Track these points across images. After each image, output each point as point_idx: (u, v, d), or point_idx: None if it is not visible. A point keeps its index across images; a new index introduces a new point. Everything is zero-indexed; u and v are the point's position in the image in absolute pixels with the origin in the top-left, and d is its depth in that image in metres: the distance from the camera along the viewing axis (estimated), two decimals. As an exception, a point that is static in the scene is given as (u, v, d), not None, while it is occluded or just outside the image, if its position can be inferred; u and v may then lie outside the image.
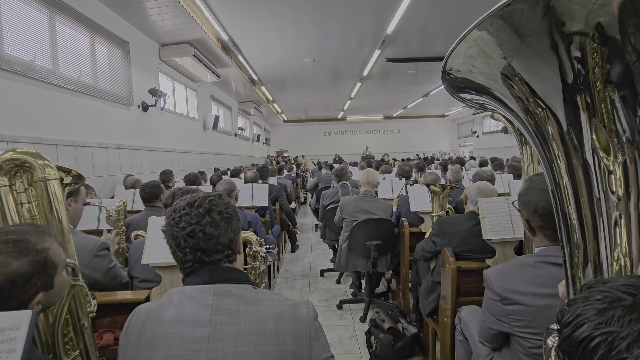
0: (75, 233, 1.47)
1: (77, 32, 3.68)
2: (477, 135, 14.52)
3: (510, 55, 0.36)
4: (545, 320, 0.96)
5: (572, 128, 0.34)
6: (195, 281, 0.78)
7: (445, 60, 0.44)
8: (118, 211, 2.08)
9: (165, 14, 4.43)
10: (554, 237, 1.02)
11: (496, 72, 0.40)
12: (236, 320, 0.73)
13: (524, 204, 1.06)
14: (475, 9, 4.68)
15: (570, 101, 0.33)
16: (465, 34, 0.38)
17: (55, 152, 3.25)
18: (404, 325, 2.34)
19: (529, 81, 0.36)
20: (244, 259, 1.08)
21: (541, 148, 0.40)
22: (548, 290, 0.96)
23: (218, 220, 0.79)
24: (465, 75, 0.45)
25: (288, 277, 3.76)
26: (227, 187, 2.51)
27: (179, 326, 0.72)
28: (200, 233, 0.77)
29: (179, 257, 0.79)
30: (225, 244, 0.80)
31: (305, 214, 7.75)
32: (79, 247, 1.40)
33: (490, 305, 1.07)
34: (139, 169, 4.78)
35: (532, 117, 0.39)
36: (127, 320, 0.77)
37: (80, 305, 0.96)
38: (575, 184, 0.36)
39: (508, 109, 0.43)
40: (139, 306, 0.79)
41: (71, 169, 1.04)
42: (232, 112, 10.42)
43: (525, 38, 0.33)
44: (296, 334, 0.74)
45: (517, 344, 1.03)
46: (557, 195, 0.40)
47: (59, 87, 3.32)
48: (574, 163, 0.36)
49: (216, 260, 0.79)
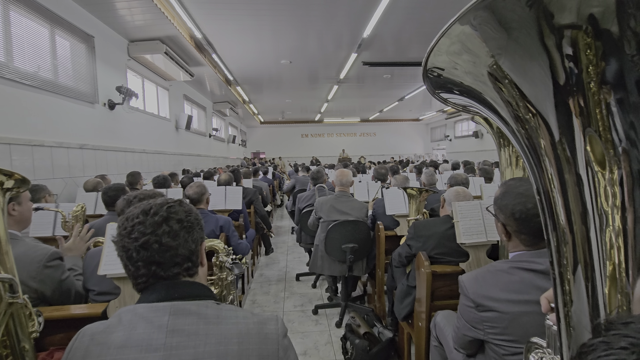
0: (21, 241, 1.33)
1: (35, 23, 3.44)
2: (450, 139, 14.99)
3: (497, 53, 0.33)
4: (519, 327, 0.95)
5: (565, 137, 0.31)
6: (149, 298, 0.70)
7: (426, 56, 0.40)
8: (76, 216, 1.93)
9: (135, 8, 4.23)
10: (530, 242, 1.02)
11: (483, 72, 0.36)
12: (194, 343, 0.65)
13: (500, 208, 1.05)
14: (447, 16, 4.78)
15: (562, 105, 0.30)
16: (447, 27, 0.34)
17: (8, 151, 3.00)
18: (379, 329, 2.32)
19: (518, 83, 0.33)
20: (209, 269, 1.01)
21: (531, 159, 0.37)
22: (522, 296, 0.96)
23: (177, 229, 0.72)
24: (449, 74, 0.41)
25: (263, 282, 3.67)
26: (198, 190, 2.41)
27: (128, 351, 0.64)
28: (155, 244, 0.69)
29: (131, 271, 0.71)
30: (184, 256, 0.72)
31: (282, 216, 7.65)
32: (26, 257, 1.27)
33: (465, 311, 1.06)
34: (105, 170, 4.52)
35: (522, 124, 0.36)
36: (70, 344, 0.68)
37: (21, 325, 0.85)
38: (567, 197, 0.33)
39: (496, 114, 0.39)
40: (83, 328, 0.70)
41: (14, 172, 0.93)
42: (206, 112, 10.16)
43: (512, 32, 0.30)
44: (263, 354, 0.67)
45: (492, 351, 1.02)
46: (546, 206, 0.37)
47: (13, 82, 3.08)
48: (567, 178, 0.32)
49: (174, 274, 0.72)
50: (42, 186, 2.42)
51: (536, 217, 0.97)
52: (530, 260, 0.99)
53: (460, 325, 1.11)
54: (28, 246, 1.32)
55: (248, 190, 4.05)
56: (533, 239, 1.01)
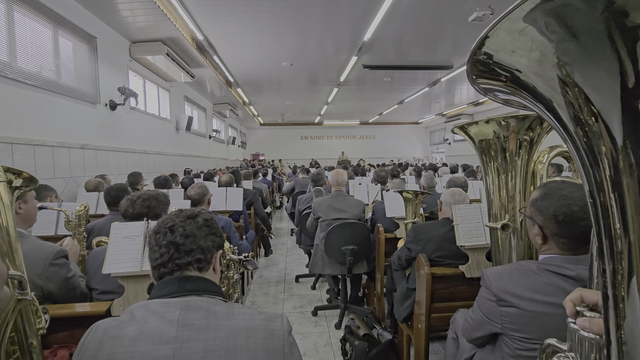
0: (28, 239, 1.34)
1: (38, 23, 3.46)
2: (449, 142, 15.03)
3: (564, 57, 0.33)
4: (539, 326, 0.95)
5: (630, 141, 0.31)
6: (162, 292, 0.74)
7: (481, 40, 0.38)
8: (79, 215, 1.94)
9: (137, 10, 4.25)
10: (569, 246, 0.99)
11: (552, 75, 0.36)
12: (204, 337, 0.68)
13: (539, 210, 1.02)
14: (447, 21, 4.85)
15: (629, 109, 0.30)
16: (502, 18, 0.34)
17: (10, 150, 3.01)
18: (379, 331, 2.33)
19: (582, 85, 0.33)
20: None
21: (587, 164, 0.36)
22: (547, 298, 0.96)
23: (201, 224, 0.82)
24: (507, 64, 0.39)
25: (262, 283, 3.67)
26: (199, 191, 2.42)
27: (141, 344, 0.66)
28: (180, 228, 0.80)
29: (154, 250, 0.80)
30: (200, 248, 0.80)
31: (281, 218, 7.66)
32: (33, 254, 1.29)
33: (485, 304, 1.06)
34: (106, 170, 4.53)
35: (582, 127, 0.35)
36: (82, 338, 0.70)
37: (29, 321, 0.86)
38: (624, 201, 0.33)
39: (552, 113, 0.38)
40: (96, 322, 0.72)
41: (22, 171, 0.95)
42: (206, 113, 10.18)
43: (580, 35, 0.31)
44: (269, 349, 0.70)
45: (505, 345, 1.03)
46: (602, 214, 0.37)
47: (15, 82, 3.09)
48: (627, 182, 0.32)
49: (186, 263, 0.78)
50: (48, 186, 2.43)
51: (581, 220, 0.95)
52: (561, 265, 0.98)
53: (475, 318, 1.10)
54: (34, 244, 1.34)
55: (248, 191, 4.07)
56: (573, 244, 0.98)
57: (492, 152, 1.37)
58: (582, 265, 0.96)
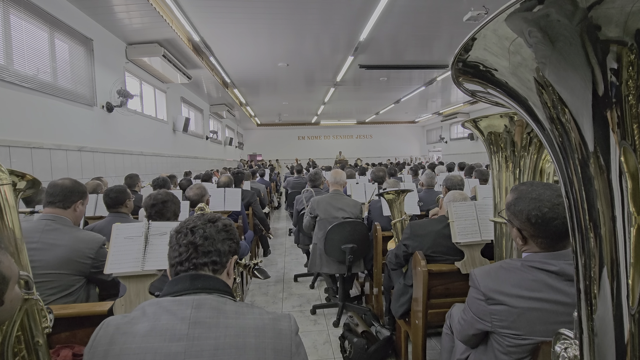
0: (79, 229, 1.69)
1: (34, 26, 3.46)
2: (446, 141, 15.11)
3: (541, 63, 0.35)
4: (526, 321, 0.99)
5: (599, 147, 0.33)
6: (174, 289, 0.76)
7: (463, 45, 0.41)
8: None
9: (133, 12, 4.26)
10: (547, 245, 1.03)
11: (529, 77, 0.38)
12: (215, 334, 0.70)
13: (514, 214, 1.05)
14: (442, 21, 4.89)
15: (599, 117, 0.32)
16: (484, 26, 0.36)
17: (7, 153, 3.01)
18: (377, 328, 2.36)
19: (559, 90, 0.35)
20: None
21: (562, 162, 0.38)
22: (533, 294, 0.99)
23: (220, 228, 0.86)
24: (486, 68, 0.42)
25: (261, 283, 3.69)
26: (198, 192, 2.44)
27: (153, 340, 0.68)
28: (200, 230, 0.84)
29: (173, 249, 0.83)
30: (217, 251, 0.83)
31: (279, 218, 7.68)
32: (88, 237, 1.60)
33: (474, 304, 1.09)
34: (103, 172, 4.53)
35: (556, 126, 0.37)
36: (94, 334, 0.72)
37: (35, 320, 0.89)
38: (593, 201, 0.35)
39: (530, 114, 0.41)
40: (107, 319, 0.74)
41: (25, 173, 0.97)
42: (203, 114, 10.17)
43: (557, 42, 0.33)
44: (277, 348, 0.72)
45: (496, 342, 1.06)
46: (574, 211, 0.38)
47: (12, 85, 3.09)
48: (597, 184, 0.34)
49: (202, 263, 0.81)
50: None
51: (553, 220, 0.99)
52: (544, 262, 1.02)
53: (467, 318, 1.14)
54: (86, 232, 1.66)
55: (246, 192, 4.08)
56: (550, 242, 1.02)
57: (502, 145, 1.40)
58: (563, 260, 1.01)
